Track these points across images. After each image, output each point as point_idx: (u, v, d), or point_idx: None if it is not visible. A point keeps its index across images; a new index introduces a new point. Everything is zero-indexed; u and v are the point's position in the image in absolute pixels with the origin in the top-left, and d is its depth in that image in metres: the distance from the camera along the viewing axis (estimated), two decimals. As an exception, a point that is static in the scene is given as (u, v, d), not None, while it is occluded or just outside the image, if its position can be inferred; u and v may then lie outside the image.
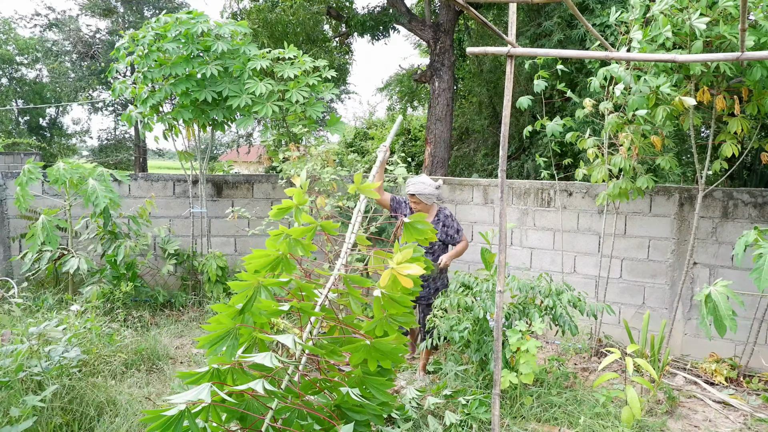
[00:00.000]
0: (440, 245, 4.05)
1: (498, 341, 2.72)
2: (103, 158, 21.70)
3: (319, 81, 5.23)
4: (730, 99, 3.79)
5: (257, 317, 2.16)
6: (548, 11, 8.74)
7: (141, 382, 3.83)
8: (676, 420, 3.59)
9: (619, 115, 4.18)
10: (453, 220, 4.06)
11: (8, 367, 3.01)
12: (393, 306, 2.30)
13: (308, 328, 2.27)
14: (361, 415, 2.25)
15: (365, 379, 2.28)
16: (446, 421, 3.26)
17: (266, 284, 2.18)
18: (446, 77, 10.42)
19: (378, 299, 2.27)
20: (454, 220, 4.06)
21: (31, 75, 22.64)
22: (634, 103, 3.89)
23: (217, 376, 2.04)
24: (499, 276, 2.63)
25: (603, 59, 3.46)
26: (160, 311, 5.49)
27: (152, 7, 21.75)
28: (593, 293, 4.79)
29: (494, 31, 2.35)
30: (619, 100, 4.13)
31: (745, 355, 4.26)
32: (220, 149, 22.92)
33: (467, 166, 12.54)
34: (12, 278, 5.55)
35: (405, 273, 2.23)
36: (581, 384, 3.93)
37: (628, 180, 4.28)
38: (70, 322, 3.78)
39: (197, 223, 5.89)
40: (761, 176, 8.06)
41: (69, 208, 5.22)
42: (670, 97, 3.72)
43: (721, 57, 2.21)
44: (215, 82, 5.12)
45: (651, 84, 3.75)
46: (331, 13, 11.48)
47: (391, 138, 3.59)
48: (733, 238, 4.40)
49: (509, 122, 2.61)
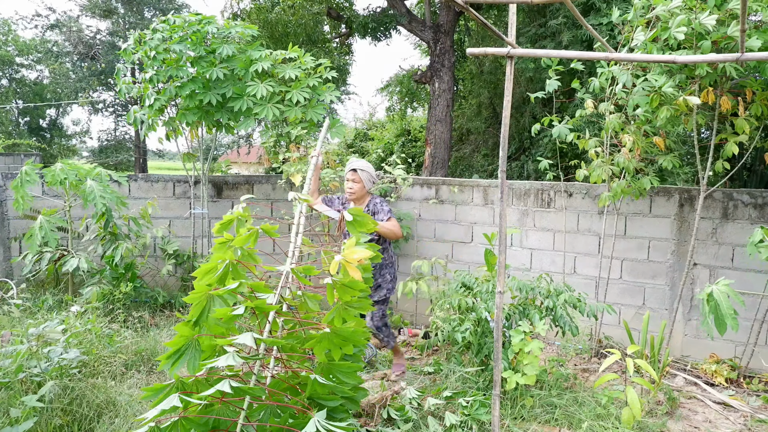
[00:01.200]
0: (375, 237, 3.99)
1: (498, 342, 2.72)
2: (103, 159, 21.71)
3: (319, 82, 5.22)
4: (734, 100, 3.79)
5: (214, 328, 2.19)
6: (553, 10, 8.73)
7: (141, 383, 3.82)
8: (677, 421, 3.58)
9: (620, 115, 4.18)
10: (384, 205, 3.98)
11: (8, 368, 3.01)
12: (346, 292, 2.36)
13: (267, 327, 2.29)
14: (333, 401, 2.28)
15: (331, 365, 2.32)
16: (446, 422, 3.26)
17: (217, 294, 2.22)
18: (446, 78, 10.43)
19: (330, 286, 2.33)
20: (385, 205, 3.99)
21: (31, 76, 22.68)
22: (635, 101, 3.89)
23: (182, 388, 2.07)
24: (499, 277, 2.63)
25: (603, 60, 3.46)
26: (160, 312, 5.49)
27: (153, 8, 21.76)
28: (593, 294, 4.79)
29: (494, 32, 2.35)
30: (621, 99, 4.12)
31: (746, 355, 4.26)
32: (220, 150, 22.95)
33: (467, 167, 12.54)
34: (12, 279, 5.55)
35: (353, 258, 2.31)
36: (581, 385, 3.93)
37: (630, 180, 4.27)
38: (70, 323, 3.78)
39: (197, 224, 5.89)
40: (761, 177, 8.06)
41: (69, 208, 5.22)
42: (673, 97, 3.71)
43: (721, 58, 2.21)
44: (220, 85, 5.12)
45: (654, 84, 3.75)
46: (331, 14, 11.49)
47: (321, 143, 3.59)
48: (733, 239, 4.40)
49: (509, 123, 2.61)
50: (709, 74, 3.65)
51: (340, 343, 2.29)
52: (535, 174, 10.32)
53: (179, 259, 5.76)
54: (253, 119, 5.20)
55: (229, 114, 5.23)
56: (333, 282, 2.34)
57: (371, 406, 3.48)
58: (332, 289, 2.35)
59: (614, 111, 4.25)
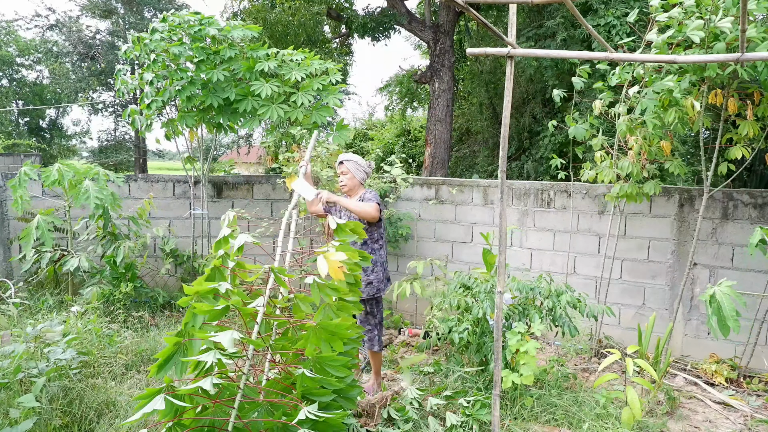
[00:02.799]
0: (366, 226, 3.88)
1: (498, 342, 2.72)
2: (103, 159, 21.69)
3: (324, 85, 5.13)
4: (742, 102, 3.78)
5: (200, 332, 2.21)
6: (551, 11, 8.75)
7: (141, 383, 3.82)
8: (677, 421, 3.58)
9: (631, 119, 4.14)
10: (372, 195, 3.90)
11: (6, 369, 3.01)
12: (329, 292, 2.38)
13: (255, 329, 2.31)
14: (325, 396, 2.31)
15: (319, 359, 2.34)
16: (447, 422, 3.26)
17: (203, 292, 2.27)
18: (446, 78, 10.43)
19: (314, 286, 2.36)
20: (374, 195, 3.90)
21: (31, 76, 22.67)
22: (643, 104, 3.87)
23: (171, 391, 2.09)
24: (499, 277, 2.63)
25: (603, 60, 3.46)
26: (160, 312, 5.49)
27: (152, 9, 21.76)
28: (593, 294, 4.79)
29: (494, 32, 2.35)
30: (633, 102, 4.09)
31: (746, 355, 4.25)
32: (220, 150, 22.93)
33: (467, 167, 12.55)
34: (12, 279, 5.55)
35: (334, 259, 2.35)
36: (581, 385, 3.93)
37: (634, 184, 4.24)
38: (70, 323, 3.78)
39: (197, 224, 5.89)
40: (761, 177, 8.07)
41: (68, 209, 5.22)
42: (680, 99, 3.71)
43: (721, 58, 2.21)
44: (221, 87, 5.02)
45: (665, 86, 3.72)
46: (331, 14, 11.50)
47: (309, 153, 3.62)
48: (733, 239, 4.40)
49: (509, 123, 2.61)
50: (719, 75, 3.63)
51: (328, 339, 2.31)
52: (535, 174, 10.32)
53: (179, 259, 5.76)
54: (257, 119, 5.12)
55: (231, 116, 5.15)
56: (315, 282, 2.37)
57: (371, 406, 3.48)
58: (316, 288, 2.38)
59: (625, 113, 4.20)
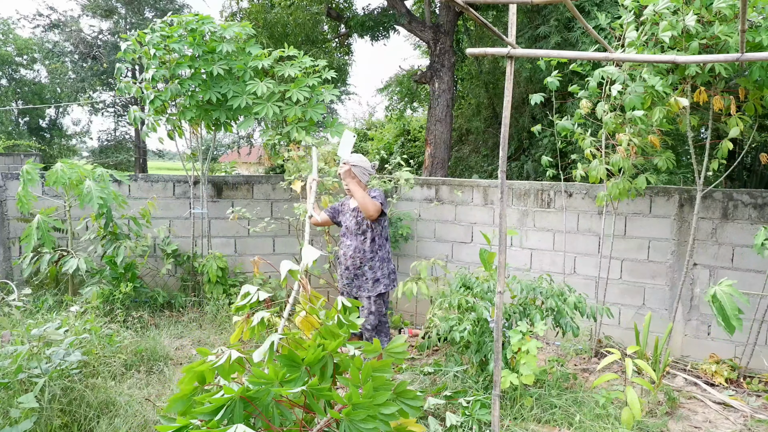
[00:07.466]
0: (369, 224, 4.04)
1: (498, 342, 2.72)
2: (103, 159, 21.68)
3: (319, 82, 5.26)
4: (728, 99, 3.81)
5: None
6: (545, 14, 8.75)
7: (141, 383, 3.82)
8: (677, 421, 3.58)
9: (616, 115, 4.19)
10: (380, 195, 4.02)
11: (7, 369, 3.01)
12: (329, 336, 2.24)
13: None
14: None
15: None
16: (447, 422, 3.26)
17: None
18: (446, 78, 10.42)
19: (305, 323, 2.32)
20: (381, 196, 4.03)
21: (30, 76, 22.65)
22: (631, 102, 3.90)
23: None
24: (499, 277, 2.63)
25: (603, 60, 3.46)
26: (160, 312, 5.49)
27: (153, 8, 21.76)
28: (593, 294, 4.79)
29: (494, 32, 2.35)
30: (617, 100, 4.13)
31: (746, 355, 4.25)
32: (220, 150, 22.93)
33: (467, 167, 12.55)
34: (12, 280, 5.54)
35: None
36: (581, 385, 3.93)
37: (626, 180, 4.28)
38: (70, 323, 3.78)
39: (197, 224, 5.89)
40: (761, 177, 8.07)
41: (69, 208, 5.22)
42: (665, 96, 3.73)
43: (721, 58, 2.21)
44: (219, 83, 5.15)
45: (648, 83, 3.77)
46: (330, 14, 11.49)
47: (316, 169, 3.74)
48: (733, 239, 4.40)
49: (509, 123, 2.61)
50: (698, 74, 3.68)
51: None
52: (535, 174, 10.32)
53: (179, 260, 5.76)
54: (252, 118, 5.25)
55: (228, 112, 5.26)
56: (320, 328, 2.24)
57: (371, 407, 3.47)
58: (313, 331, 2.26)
59: (609, 111, 4.26)
